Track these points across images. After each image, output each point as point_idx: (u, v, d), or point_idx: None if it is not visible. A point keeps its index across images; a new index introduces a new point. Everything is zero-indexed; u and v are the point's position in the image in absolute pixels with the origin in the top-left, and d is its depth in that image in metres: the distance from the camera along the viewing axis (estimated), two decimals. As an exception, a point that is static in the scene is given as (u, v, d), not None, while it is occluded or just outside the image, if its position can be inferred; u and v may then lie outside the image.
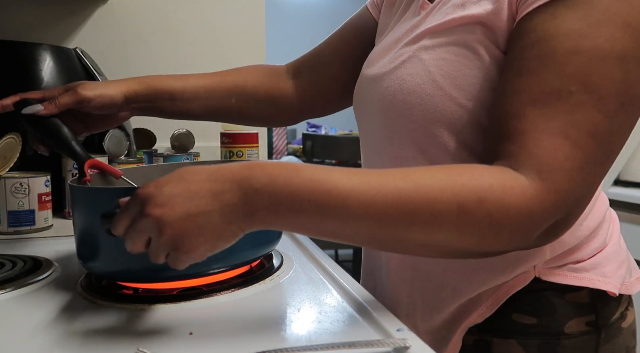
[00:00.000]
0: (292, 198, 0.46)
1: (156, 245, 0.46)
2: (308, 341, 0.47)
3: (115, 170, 0.72)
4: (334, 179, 0.47)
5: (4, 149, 0.88)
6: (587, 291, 0.62)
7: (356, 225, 0.47)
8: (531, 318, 0.62)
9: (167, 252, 0.47)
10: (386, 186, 0.47)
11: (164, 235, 0.45)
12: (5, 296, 0.60)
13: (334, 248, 3.19)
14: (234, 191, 0.46)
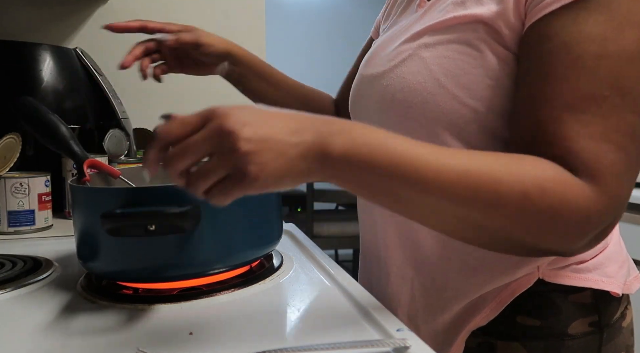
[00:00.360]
0: (367, 151, 0.46)
1: (220, 161, 0.44)
2: (308, 341, 0.47)
3: (113, 170, 0.73)
4: (406, 144, 0.47)
5: (4, 149, 0.88)
6: (590, 291, 0.62)
7: (421, 194, 0.47)
8: (535, 320, 0.61)
9: (225, 174, 0.44)
10: (455, 161, 0.47)
11: (236, 152, 0.43)
12: (5, 296, 0.60)
13: (334, 248, 3.20)
14: (313, 131, 0.46)
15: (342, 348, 0.44)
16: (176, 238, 0.55)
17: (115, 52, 1.38)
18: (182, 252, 0.56)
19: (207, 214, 0.55)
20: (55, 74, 1.07)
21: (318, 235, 2.37)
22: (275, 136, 0.45)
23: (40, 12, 1.31)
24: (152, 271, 0.57)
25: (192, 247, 0.56)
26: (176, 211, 0.51)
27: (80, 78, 1.12)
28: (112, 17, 1.38)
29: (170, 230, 0.52)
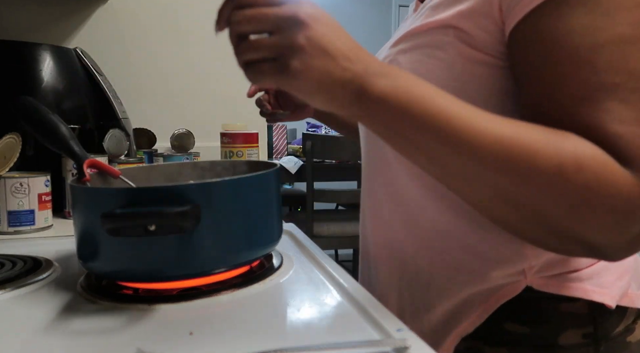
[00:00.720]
0: (405, 99, 0.46)
1: (275, 42, 0.44)
2: (308, 341, 0.47)
3: (113, 170, 0.73)
4: (448, 102, 0.47)
5: (4, 149, 0.88)
6: (585, 302, 0.59)
7: (453, 154, 0.47)
8: (524, 327, 0.60)
9: (272, 56, 0.45)
10: (492, 125, 0.46)
11: (294, 42, 0.44)
12: (5, 296, 0.60)
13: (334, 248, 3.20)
14: (363, 65, 0.47)
15: (342, 348, 0.44)
16: (176, 238, 0.55)
17: (115, 52, 1.39)
18: (182, 252, 0.56)
19: (207, 214, 0.55)
20: (55, 74, 1.07)
21: (318, 235, 2.37)
22: (333, 52, 0.45)
23: (40, 12, 1.31)
24: (152, 271, 0.57)
25: (192, 247, 0.56)
26: (176, 211, 0.51)
27: (80, 78, 1.12)
28: (112, 17, 1.38)
29: (170, 230, 0.52)
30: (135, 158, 1.11)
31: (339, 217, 2.55)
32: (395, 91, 0.47)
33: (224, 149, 1.15)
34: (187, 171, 0.78)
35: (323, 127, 3.43)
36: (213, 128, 1.41)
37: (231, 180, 0.59)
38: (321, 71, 0.45)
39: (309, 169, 2.32)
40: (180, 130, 1.28)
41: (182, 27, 1.44)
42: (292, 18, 0.44)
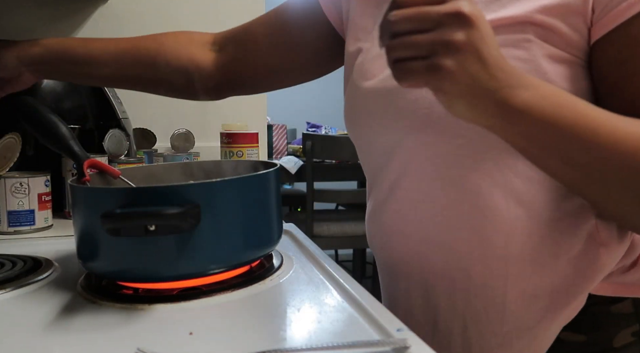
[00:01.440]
0: (551, 108, 0.46)
1: (434, 39, 0.42)
2: (308, 341, 0.47)
3: (113, 170, 0.73)
4: (584, 106, 0.48)
5: (4, 149, 0.88)
6: (630, 300, 0.60)
7: (597, 157, 0.47)
8: (580, 335, 0.59)
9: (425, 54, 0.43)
10: (630, 126, 0.47)
11: (454, 39, 0.42)
12: (5, 296, 0.60)
13: (334, 248, 3.20)
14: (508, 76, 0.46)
15: (342, 348, 0.44)
16: (176, 238, 0.55)
17: (115, 52, 1.38)
18: (182, 252, 0.56)
19: (207, 214, 0.55)
20: (55, 74, 1.07)
21: (318, 235, 2.37)
22: (485, 58, 0.44)
23: (40, 12, 1.31)
24: (152, 271, 0.57)
25: (192, 247, 0.56)
26: (176, 211, 0.51)
27: (80, 78, 1.12)
28: (112, 17, 1.38)
29: (170, 230, 0.52)
30: (135, 158, 1.11)
31: (339, 217, 2.55)
32: (539, 103, 0.46)
33: (224, 149, 1.15)
34: (187, 171, 0.78)
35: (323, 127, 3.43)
36: (213, 128, 1.41)
37: (231, 180, 0.59)
38: (472, 75, 0.43)
39: (309, 169, 2.32)
40: (180, 130, 1.28)
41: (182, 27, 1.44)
42: (456, 15, 0.42)
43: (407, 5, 0.43)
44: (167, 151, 1.30)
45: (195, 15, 1.46)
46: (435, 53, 0.42)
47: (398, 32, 0.43)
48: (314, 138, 2.33)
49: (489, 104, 0.45)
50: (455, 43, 0.42)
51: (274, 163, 0.69)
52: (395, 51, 0.44)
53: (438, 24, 0.42)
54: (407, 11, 0.43)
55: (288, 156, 2.65)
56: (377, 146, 0.67)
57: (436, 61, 0.42)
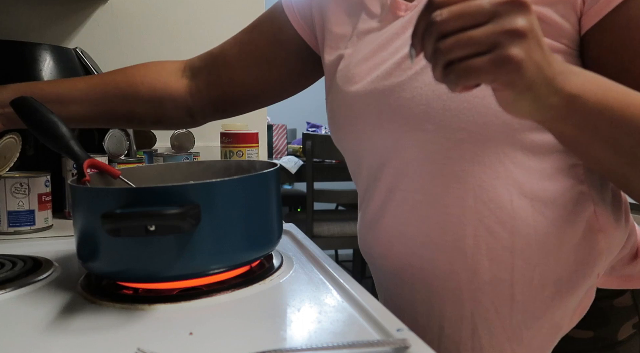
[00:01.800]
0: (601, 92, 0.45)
1: (494, 29, 0.39)
2: (308, 341, 0.47)
3: (113, 170, 0.73)
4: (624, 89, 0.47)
5: (4, 149, 0.88)
6: (630, 292, 0.61)
7: None
8: (588, 331, 0.60)
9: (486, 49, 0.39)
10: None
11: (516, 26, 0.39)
12: (5, 296, 0.60)
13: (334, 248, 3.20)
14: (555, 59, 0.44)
15: (342, 348, 0.44)
16: (176, 238, 0.55)
17: (115, 52, 1.39)
18: (182, 252, 0.56)
19: (207, 214, 0.55)
20: (55, 74, 1.07)
21: (318, 235, 2.37)
22: (543, 44, 0.41)
23: (40, 12, 1.31)
24: (152, 271, 0.57)
25: (192, 247, 0.56)
26: (176, 211, 0.51)
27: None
28: (112, 17, 1.38)
29: (170, 230, 0.52)
30: (135, 158, 1.11)
31: (339, 217, 2.55)
32: (591, 88, 0.45)
33: (224, 149, 1.15)
34: (188, 171, 0.78)
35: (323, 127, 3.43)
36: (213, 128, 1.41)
37: (231, 180, 0.59)
38: (537, 63, 0.40)
39: (309, 169, 2.32)
40: (180, 130, 1.28)
41: (181, 28, 1.44)
42: (512, 1, 0.39)
43: (449, 3, 0.39)
44: (167, 151, 1.30)
45: (195, 16, 1.46)
46: (498, 45, 0.39)
47: (447, 31, 0.39)
48: (314, 138, 2.33)
49: (549, 94, 0.43)
50: (520, 30, 0.39)
51: (274, 163, 0.69)
52: (450, 52, 0.40)
53: (494, 14, 0.39)
54: (455, 8, 0.39)
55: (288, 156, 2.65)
56: (370, 150, 0.66)
57: (503, 52, 0.39)
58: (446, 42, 0.39)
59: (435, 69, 0.41)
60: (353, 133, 0.67)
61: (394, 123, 0.61)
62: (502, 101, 0.44)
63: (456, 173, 0.58)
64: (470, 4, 0.39)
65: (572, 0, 0.53)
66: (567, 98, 0.44)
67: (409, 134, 0.60)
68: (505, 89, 0.42)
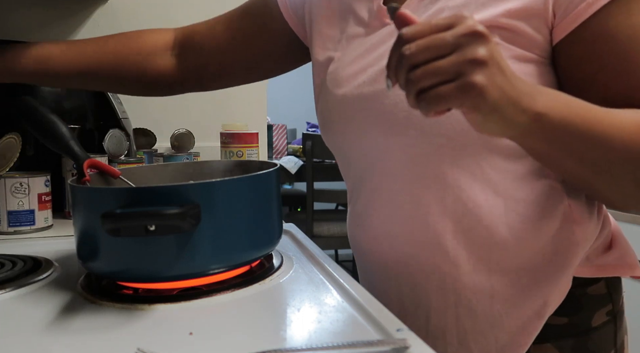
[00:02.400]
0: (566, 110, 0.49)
1: (456, 60, 0.43)
2: (308, 341, 0.47)
3: (113, 170, 0.73)
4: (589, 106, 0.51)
5: (4, 149, 0.88)
6: (604, 281, 0.64)
7: (605, 152, 0.51)
8: (563, 318, 0.63)
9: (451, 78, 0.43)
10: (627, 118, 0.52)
11: (477, 56, 0.43)
12: (5, 296, 0.60)
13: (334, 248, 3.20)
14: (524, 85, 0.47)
15: (342, 348, 0.44)
16: (176, 238, 0.55)
17: (115, 52, 1.38)
18: (182, 252, 0.56)
19: (207, 214, 0.55)
20: (55, 74, 1.07)
21: (318, 235, 2.37)
22: (504, 68, 0.45)
23: (40, 12, 1.31)
24: (152, 271, 0.57)
25: (192, 247, 0.56)
26: (176, 211, 0.51)
27: (80, 78, 1.12)
28: (112, 17, 1.38)
29: (170, 230, 0.52)
30: (135, 158, 1.11)
31: (339, 217, 2.55)
32: (555, 105, 0.48)
33: (224, 149, 1.15)
34: (187, 171, 0.78)
35: (323, 128, 3.43)
36: (213, 128, 1.41)
37: (231, 180, 0.59)
38: (500, 87, 0.44)
39: (309, 169, 2.33)
40: (180, 130, 1.27)
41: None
42: (472, 33, 0.43)
43: (417, 37, 0.44)
44: (167, 151, 1.30)
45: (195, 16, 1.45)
46: (462, 73, 0.43)
47: (416, 63, 0.44)
48: (314, 138, 2.33)
49: (515, 114, 0.46)
50: (480, 59, 0.43)
51: (274, 163, 0.69)
52: (420, 82, 0.44)
53: (457, 46, 0.43)
54: (422, 41, 0.43)
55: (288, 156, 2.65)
56: (357, 151, 0.69)
57: (467, 79, 0.43)
58: (416, 72, 0.44)
59: (408, 97, 0.45)
60: (342, 134, 0.70)
61: (379, 127, 0.64)
62: (472, 122, 0.48)
63: (437, 175, 0.62)
64: (435, 38, 0.43)
65: (544, 15, 0.56)
66: (533, 116, 0.47)
67: (393, 139, 0.63)
68: (472, 112, 0.46)
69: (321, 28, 0.74)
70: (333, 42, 0.71)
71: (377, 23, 0.66)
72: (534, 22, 0.56)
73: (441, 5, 0.60)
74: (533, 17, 0.56)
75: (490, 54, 0.43)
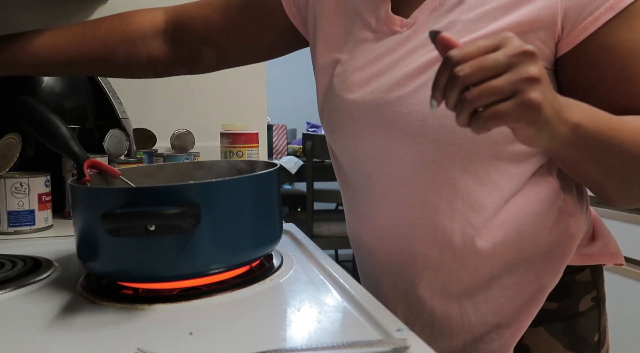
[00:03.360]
0: (595, 120, 0.52)
1: (511, 79, 0.44)
2: (308, 341, 0.48)
3: (113, 170, 0.73)
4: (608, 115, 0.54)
5: (4, 149, 0.88)
6: (589, 269, 0.69)
7: (625, 157, 0.55)
8: (553, 303, 0.67)
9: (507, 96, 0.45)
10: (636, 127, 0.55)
11: (530, 74, 0.44)
12: (5, 296, 0.60)
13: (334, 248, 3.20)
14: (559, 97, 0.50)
15: (342, 348, 0.44)
16: (176, 238, 0.55)
17: (115, 52, 1.38)
18: (182, 252, 0.56)
19: (207, 214, 0.55)
20: (55, 74, 1.07)
21: (318, 235, 2.37)
22: (549, 83, 0.47)
23: (41, 12, 1.31)
24: (152, 271, 0.57)
25: (192, 247, 0.56)
26: (176, 211, 0.51)
27: (80, 78, 1.12)
28: (112, 17, 1.38)
29: (170, 230, 0.52)
30: (135, 158, 1.11)
31: (339, 217, 2.55)
32: (586, 116, 0.52)
33: (224, 149, 1.15)
34: (188, 171, 0.78)
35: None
36: (213, 128, 1.41)
37: (231, 180, 0.59)
38: (550, 102, 0.47)
39: (309, 169, 2.33)
40: (180, 130, 1.27)
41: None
42: (523, 53, 0.45)
43: (466, 59, 0.45)
44: (167, 151, 1.30)
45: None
46: (519, 91, 0.45)
47: (471, 83, 0.45)
48: (314, 138, 2.33)
49: (559, 125, 0.49)
50: (535, 77, 0.45)
51: (274, 163, 0.69)
52: (476, 101, 0.45)
53: (510, 65, 0.45)
54: (474, 63, 0.45)
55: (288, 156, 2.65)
56: (366, 154, 0.70)
57: (525, 96, 0.45)
58: (472, 92, 0.45)
59: (460, 116, 0.46)
60: (350, 137, 0.71)
61: (391, 134, 0.65)
62: (523, 137, 0.50)
63: (447, 180, 0.64)
64: (487, 58, 0.45)
65: (552, 28, 0.58)
66: (572, 127, 0.50)
67: (404, 146, 0.65)
68: (528, 128, 0.48)
69: (325, 27, 0.74)
70: (338, 43, 0.72)
71: (385, 29, 0.67)
72: (542, 35, 0.59)
73: (453, 17, 0.61)
74: (542, 30, 0.58)
75: (542, 71, 0.46)
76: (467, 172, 0.63)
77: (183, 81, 1.45)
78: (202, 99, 1.47)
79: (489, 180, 0.63)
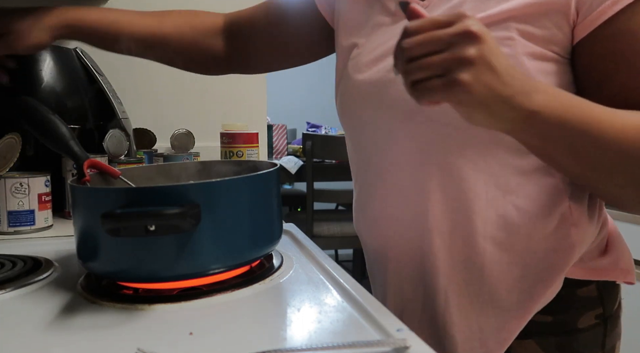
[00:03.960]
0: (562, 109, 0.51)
1: (447, 57, 0.46)
2: (308, 341, 0.47)
3: (113, 170, 0.73)
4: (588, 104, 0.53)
5: (4, 149, 0.88)
6: (595, 284, 0.65)
7: (602, 151, 0.53)
8: (547, 316, 0.64)
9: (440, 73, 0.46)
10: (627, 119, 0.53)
11: (465, 55, 0.45)
12: (5, 296, 0.60)
13: (334, 248, 3.20)
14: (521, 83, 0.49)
15: (342, 348, 0.44)
16: (176, 238, 0.55)
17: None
18: (182, 252, 0.56)
19: (207, 214, 0.55)
20: (55, 74, 1.07)
21: (318, 235, 2.37)
22: (497, 68, 0.47)
23: (40, 12, 1.31)
24: (152, 271, 0.57)
25: (192, 247, 0.56)
26: (176, 211, 0.51)
27: (80, 78, 1.12)
28: (112, 17, 1.38)
29: (170, 230, 0.52)
30: (135, 158, 1.11)
31: (339, 217, 2.55)
32: (551, 104, 0.50)
33: (224, 149, 1.15)
34: (187, 171, 0.78)
35: (323, 127, 3.43)
36: (213, 128, 1.41)
37: (231, 180, 0.59)
38: (487, 85, 0.47)
39: (309, 169, 2.33)
40: (180, 130, 1.28)
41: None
42: (465, 34, 0.46)
43: (419, 32, 0.47)
44: (167, 151, 1.30)
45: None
46: (450, 70, 0.46)
47: (413, 56, 0.47)
48: (314, 138, 2.33)
49: (505, 110, 0.49)
50: (468, 58, 0.46)
51: (274, 163, 0.69)
52: (412, 74, 0.48)
53: (450, 44, 0.46)
54: (419, 37, 0.47)
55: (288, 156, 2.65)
56: (368, 135, 0.71)
57: (453, 76, 0.46)
58: (411, 65, 0.48)
59: (405, 85, 0.49)
60: (356, 118, 0.72)
61: (389, 112, 0.66)
62: (460, 113, 0.51)
63: (441, 164, 0.63)
64: (432, 34, 0.47)
65: (566, 11, 0.57)
66: (525, 114, 0.50)
67: (402, 125, 0.65)
68: (457, 106, 0.50)
69: (345, 13, 0.76)
70: (358, 28, 0.73)
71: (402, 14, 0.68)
72: (554, 18, 0.57)
73: None
74: (554, 12, 0.57)
75: (480, 54, 0.46)
76: (463, 157, 0.62)
77: (183, 81, 1.45)
78: (202, 99, 1.47)
79: (485, 168, 0.62)
